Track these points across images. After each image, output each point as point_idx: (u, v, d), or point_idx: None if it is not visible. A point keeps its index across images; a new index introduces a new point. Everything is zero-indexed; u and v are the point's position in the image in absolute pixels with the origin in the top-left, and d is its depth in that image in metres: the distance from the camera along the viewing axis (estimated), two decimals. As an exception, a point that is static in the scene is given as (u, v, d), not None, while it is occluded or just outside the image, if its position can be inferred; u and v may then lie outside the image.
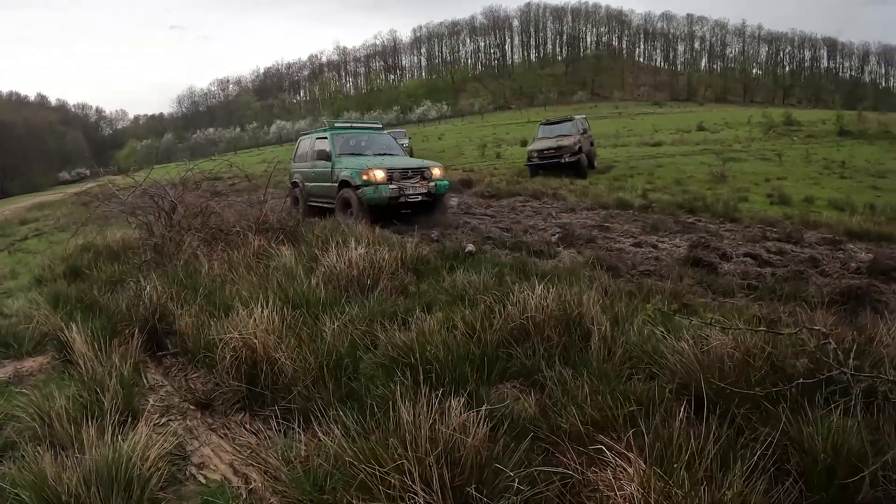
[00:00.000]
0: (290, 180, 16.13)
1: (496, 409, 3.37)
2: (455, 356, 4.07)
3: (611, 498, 2.54)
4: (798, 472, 2.95)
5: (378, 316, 5.13)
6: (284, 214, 10.70)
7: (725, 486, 2.55)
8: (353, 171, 12.42)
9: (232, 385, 4.15)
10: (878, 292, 7.52)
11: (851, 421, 3.10)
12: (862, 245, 11.27)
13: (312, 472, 3.05)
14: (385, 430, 3.05)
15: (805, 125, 44.72)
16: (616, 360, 4.03)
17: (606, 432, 2.95)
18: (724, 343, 3.83)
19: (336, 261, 6.61)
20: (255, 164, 41.62)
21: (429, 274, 6.95)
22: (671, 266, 8.47)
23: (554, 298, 4.71)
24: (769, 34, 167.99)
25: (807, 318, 4.75)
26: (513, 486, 2.68)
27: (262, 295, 5.20)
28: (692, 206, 15.20)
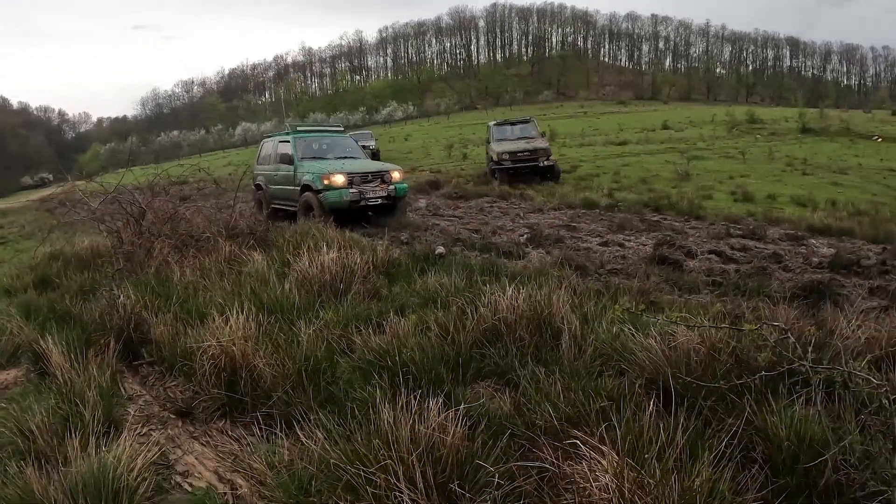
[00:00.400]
0: (254, 183, 16.27)
1: (473, 409, 3.46)
2: (430, 358, 4.16)
3: (587, 489, 2.62)
4: (763, 459, 3.07)
5: (353, 320, 5.19)
6: (254, 219, 10.77)
7: (695, 474, 2.66)
8: (314, 175, 12.65)
9: (212, 393, 4.18)
10: (839, 286, 7.77)
11: (813, 410, 3.23)
12: (824, 240, 11.54)
13: (297, 476, 3.09)
14: (367, 432, 3.11)
15: (768, 123, 45.52)
16: (587, 358, 4.13)
17: (580, 427, 3.04)
18: (691, 339, 3.94)
19: (308, 265, 6.66)
20: (221, 166, 41.27)
21: (400, 277, 7.03)
22: (638, 264, 8.62)
23: (524, 299, 4.82)
24: (732, 34, 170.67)
25: (769, 314, 4.94)
26: (493, 482, 2.77)
27: (237, 301, 5.24)
28: (658, 204, 15.44)
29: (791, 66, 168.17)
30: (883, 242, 11.56)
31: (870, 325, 4.64)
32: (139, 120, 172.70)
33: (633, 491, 2.55)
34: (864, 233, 12.38)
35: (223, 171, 28.00)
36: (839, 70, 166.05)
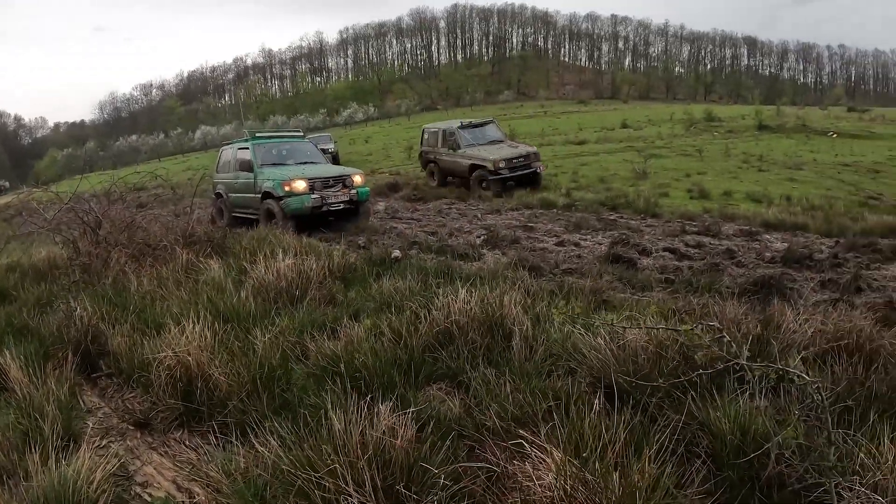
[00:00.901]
0: (214, 191, 15.97)
1: (423, 411, 3.53)
2: (383, 362, 4.21)
3: (531, 488, 2.69)
4: (707, 453, 3.17)
5: (308, 326, 5.23)
6: (211, 226, 10.72)
7: (635, 470, 2.72)
8: (275, 182, 12.62)
9: (169, 403, 4.19)
10: (791, 280, 7.97)
11: (758, 404, 3.33)
12: (778, 235, 11.84)
13: (253, 483, 3.13)
14: (318, 437, 3.14)
15: (725, 121, 46.26)
16: (537, 359, 4.21)
17: (527, 427, 3.10)
18: (639, 337, 4.05)
19: (264, 272, 6.68)
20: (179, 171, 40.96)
21: (356, 282, 7.08)
22: (592, 263, 8.77)
23: (477, 301, 4.89)
24: (691, 34, 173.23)
25: (718, 310, 5.04)
26: (439, 483, 2.83)
27: (193, 310, 5.21)
28: (615, 203, 15.60)
29: (748, 65, 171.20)
30: (836, 236, 11.85)
31: (816, 318, 4.79)
32: (97, 124, 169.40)
33: (575, 488, 2.62)
34: (817, 227, 12.66)
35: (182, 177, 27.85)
36: (796, 68, 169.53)
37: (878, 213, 15.82)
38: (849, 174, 23.66)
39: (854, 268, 9.19)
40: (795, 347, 4.26)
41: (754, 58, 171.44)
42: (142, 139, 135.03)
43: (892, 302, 7.01)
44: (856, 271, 8.88)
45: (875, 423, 3.16)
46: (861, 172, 24.10)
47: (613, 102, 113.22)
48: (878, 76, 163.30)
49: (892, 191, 20.79)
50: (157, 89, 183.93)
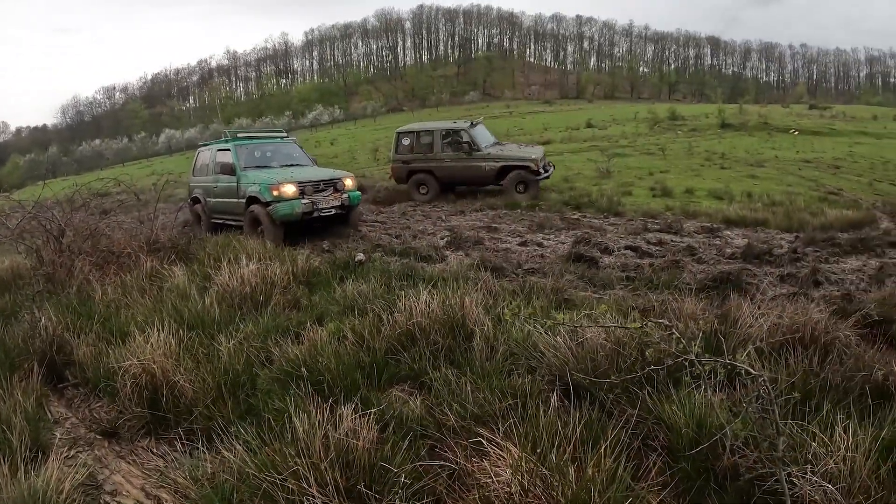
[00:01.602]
0: (190, 196, 14.83)
1: (385, 412, 3.60)
2: (346, 365, 4.28)
3: (489, 484, 2.77)
4: (664, 447, 3.28)
5: (272, 331, 5.27)
6: (175, 232, 10.48)
7: (590, 463, 2.81)
8: (261, 186, 11.67)
9: (135, 411, 4.21)
10: (751, 275, 8.11)
11: (714, 398, 3.47)
12: (739, 231, 12.01)
13: (220, 488, 3.17)
14: (282, 441, 3.20)
15: (689, 119, 46.66)
16: (498, 358, 4.29)
17: (486, 425, 3.19)
18: (597, 335, 4.15)
19: (228, 278, 6.68)
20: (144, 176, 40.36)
21: (320, 286, 7.11)
22: (555, 263, 8.85)
23: (439, 303, 4.99)
24: (655, 34, 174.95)
25: (676, 306, 5.20)
26: (400, 482, 2.91)
27: (158, 318, 5.25)
28: (578, 202, 15.68)
29: (712, 65, 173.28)
30: (796, 231, 12.07)
31: (773, 312, 4.93)
32: (60, 129, 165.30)
33: (532, 483, 2.70)
34: (777, 223, 12.89)
35: (146, 182, 27.49)
36: (758, 67, 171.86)
37: (837, 207, 16.16)
38: (809, 170, 24.08)
39: (812, 262, 9.43)
40: (751, 341, 4.38)
41: (717, 57, 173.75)
42: (105, 143, 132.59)
43: (850, 295, 7.20)
44: (814, 265, 9.09)
45: (829, 412, 3.26)
46: (822, 168, 24.52)
47: (578, 102, 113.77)
48: (839, 74, 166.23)
49: (852, 186, 21.26)
50: (120, 92, 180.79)
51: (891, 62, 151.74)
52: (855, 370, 4.17)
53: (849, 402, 3.57)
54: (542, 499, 2.67)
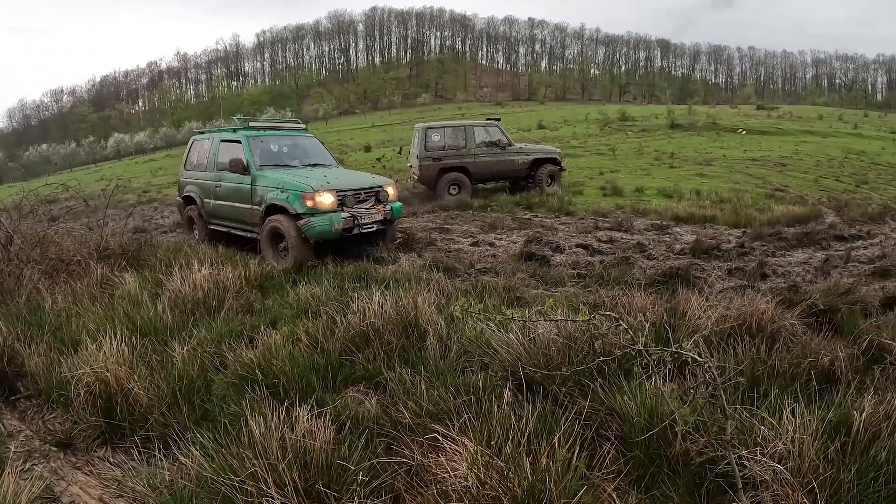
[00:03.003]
0: (181, 194, 12.30)
1: (341, 413, 3.63)
2: (300, 367, 4.31)
3: (446, 478, 2.83)
4: (617, 436, 3.39)
5: (226, 336, 5.25)
6: (125, 238, 10.01)
7: (545, 454, 2.90)
8: (290, 193, 9.29)
9: (90, 421, 4.16)
10: (699, 270, 8.34)
11: (666, 387, 3.61)
12: (688, 228, 12.35)
13: (178, 494, 3.17)
14: (239, 445, 3.21)
15: (639, 120, 47.54)
16: (452, 357, 4.38)
17: (442, 422, 3.26)
18: (549, 331, 4.26)
19: (181, 284, 6.63)
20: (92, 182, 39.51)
21: (273, 289, 7.13)
22: (507, 262, 9.00)
23: (392, 304, 5.06)
24: (606, 37, 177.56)
25: (626, 301, 5.36)
26: (358, 479, 2.95)
27: (110, 326, 5.20)
28: (529, 203, 15.91)
29: (662, 67, 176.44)
30: (743, 227, 12.46)
31: (720, 304, 5.16)
32: (5, 133, 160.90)
33: (488, 475, 2.77)
34: (725, 219, 13.27)
35: (95, 187, 26.91)
36: (707, 69, 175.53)
37: (784, 203, 16.64)
38: (756, 168, 24.67)
39: (759, 256, 9.73)
40: (699, 332, 4.53)
41: (667, 60, 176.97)
42: (53, 148, 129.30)
43: (795, 286, 7.45)
44: (761, 259, 9.39)
45: (777, 397, 3.40)
46: (768, 166, 25.13)
47: (530, 104, 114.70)
48: (786, 76, 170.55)
49: (798, 183, 21.81)
50: (68, 95, 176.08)
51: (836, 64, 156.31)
52: (801, 357, 4.35)
53: (796, 388, 3.71)
54: (498, 490, 2.73)
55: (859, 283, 7.83)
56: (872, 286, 7.71)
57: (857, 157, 29.27)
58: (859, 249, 10.77)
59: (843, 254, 10.14)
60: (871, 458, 3.08)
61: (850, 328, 5.26)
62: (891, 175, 25.57)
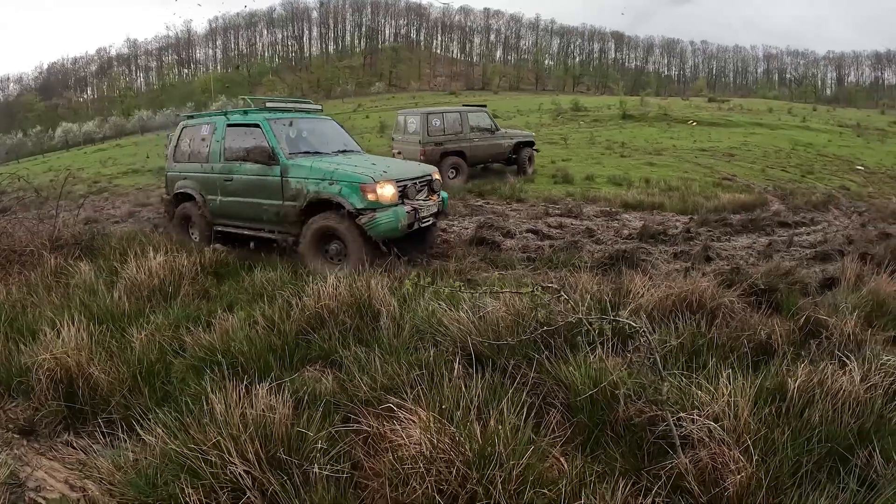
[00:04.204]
0: (171, 191, 10.58)
1: (299, 389, 3.78)
2: (258, 348, 4.45)
3: (401, 444, 3.00)
4: (563, 403, 3.61)
5: (183, 321, 5.34)
6: (78, 229, 9.90)
7: (492, 419, 3.09)
8: (345, 185, 8.00)
9: (52, 407, 4.19)
10: (646, 253, 8.69)
11: (610, 359, 3.85)
12: (636, 214, 12.71)
13: (143, 472, 3.25)
14: (202, 421, 3.33)
15: (592, 110, 48.08)
16: (405, 335, 4.56)
17: (397, 394, 3.43)
18: (497, 308, 4.51)
19: (136, 271, 6.66)
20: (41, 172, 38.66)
21: (229, 276, 7.23)
22: (459, 246, 9.26)
23: (346, 287, 5.24)
24: (561, 28, 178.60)
25: (573, 281, 5.63)
26: (317, 447, 3.12)
27: (67, 314, 5.18)
28: (481, 190, 16.11)
29: (616, 58, 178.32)
30: (690, 213, 12.85)
31: (663, 283, 5.46)
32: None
33: (440, 440, 2.95)
34: (673, 206, 13.65)
35: (44, 178, 26.40)
36: (660, 62, 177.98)
37: (730, 191, 17.15)
38: (705, 158, 25.26)
39: (704, 240, 10.11)
40: (643, 309, 4.84)
41: (621, 52, 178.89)
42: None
43: (738, 268, 7.76)
44: (705, 243, 9.77)
45: (715, 366, 3.63)
46: (717, 156, 25.75)
47: (484, 94, 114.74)
48: (737, 69, 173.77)
49: (745, 172, 22.41)
50: (14, 83, 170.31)
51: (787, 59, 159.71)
52: (740, 331, 4.65)
53: (734, 359, 3.99)
54: (450, 454, 2.90)
55: (800, 265, 8.24)
56: (813, 269, 8.15)
57: (804, 148, 30.13)
58: (802, 235, 11.24)
59: (785, 239, 10.59)
60: (805, 421, 3.33)
61: (788, 306, 5.60)
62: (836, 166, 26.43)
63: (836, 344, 4.52)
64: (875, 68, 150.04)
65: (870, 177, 25.85)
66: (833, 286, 7.12)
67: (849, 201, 20.05)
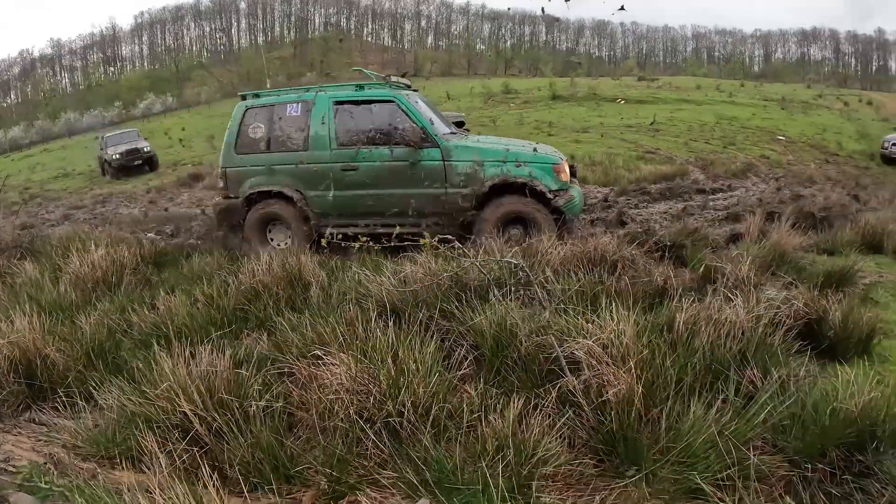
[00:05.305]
0: (244, 192, 8.89)
1: (237, 351, 4.23)
2: (199, 322, 4.89)
3: (328, 382, 3.50)
4: (471, 345, 4.14)
5: (128, 305, 5.69)
6: (17, 233, 9.96)
7: (404, 356, 3.59)
8: (535, 166, 7.78)
9: (12, 388, 4.38)
10: None
11: (514, 305, 4.38)
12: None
13: (104, 431, 3.62)
14: (152, 379, 3.69)
15: (522, 93, 48.83)
16: (333, 301, 5.06)
17: (324, 347, 3.86)
18: (416, 271, 5.10)
19: (80, 266, 6.90)
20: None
21: (168, 264, 7.59)
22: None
23: (279, 264, 5.75)
24: (492, 12, 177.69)
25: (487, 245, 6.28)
26: (254, 388, 3.61)
27: (18, 308, 5.31)
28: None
29: (546, 41, 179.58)
30: (612, 185, 13.63)
31: (569, 243, 6.11)
32: None
33: (360, 375, 3.46)
34: (596, 179, 14.46)
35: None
36: (591, 43, 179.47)
37: (652, 163, 18.04)
38: (631, 134, 26.28)
39: (621, 207, 10.84)
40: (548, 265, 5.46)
41: (552, 34, 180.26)
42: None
43: (650, 229, 8.44)
44: (621, 209, 10.49)
45: (608, 307, 4.02)
46: (642, 132, 26.82)
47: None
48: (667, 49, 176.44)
49: (669, 145, 23.46)
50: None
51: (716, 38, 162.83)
52: (637, 278, 5.28)
53: (630, 301, 4.47)
54: (368, 385, 3.42)
55: (710, 226, 9.00)
56: (723, 228, 8.92)
57: (728, 122, 31.50)
58: (718, 200, 12.05)
59: (701, 203, 11.38)
60: (690, 347, 3.89)
61: (692, 259, 6.33)
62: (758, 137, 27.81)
63: (731, 288, 5.02)
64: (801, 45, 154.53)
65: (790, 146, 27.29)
66: (738, 241, 7.87)
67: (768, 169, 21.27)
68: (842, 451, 3.09)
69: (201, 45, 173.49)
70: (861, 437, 3.10)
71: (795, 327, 4.48)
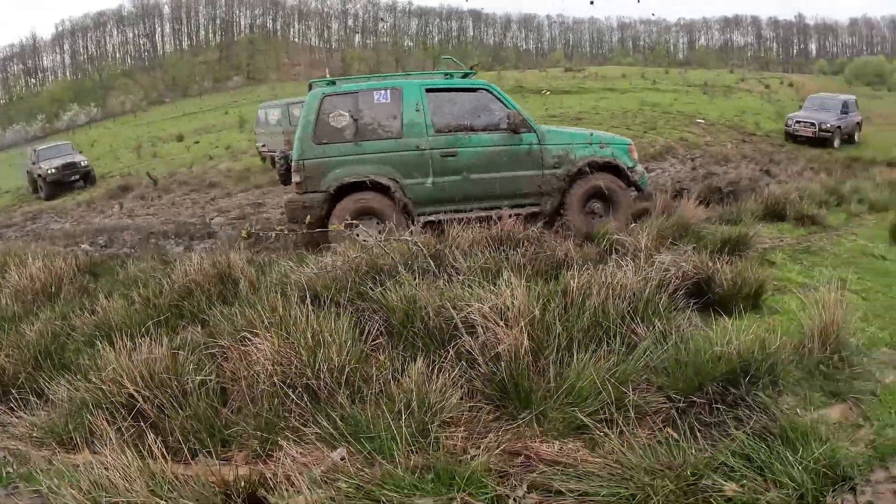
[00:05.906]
0: (329, 183, 8.47)
1: (173, 341, 4.60)
2: (137, 321, 5.23)
3: (257, 358, 3.94)
4: (384, 320, 4.67)
5: (69, 311, 5.97)
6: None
7: (325, 333, 4.04)
8: (616, 147, 8.86)
9: None
10: None
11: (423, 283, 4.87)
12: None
13: (57, 420, 3.97)
14: (98, 369, 4.06)
15: (448, 87, 49.46)
16: (261, 292, 5.46)
17: (252, 331, 4.27)
18: (336, 260, 5.66)
19: (18, 279, 7.10)
20: None
21: (104, 273, 7.89)
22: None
23: (210, 263, 6.18)
24: (419, 9, 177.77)
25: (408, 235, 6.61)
26: (190, 368, 4.05)
27: None
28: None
29: (474, 36, 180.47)
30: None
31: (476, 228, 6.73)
32: None
33: (281, 349, 3.91)
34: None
35: None
36: (519, 36, 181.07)
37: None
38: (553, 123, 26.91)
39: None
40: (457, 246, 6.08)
41: (479, 29, 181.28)
42: None
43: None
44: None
45: (509, 279, 4.47)
46: (566, 121, 27.50)
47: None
48: (593, 40, 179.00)
49: (590, 132, 24.28)
50: None
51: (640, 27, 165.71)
52: (539, 253, 5.88)
53: (531, 273, 5.09)
54: (290, 357, 3.88)
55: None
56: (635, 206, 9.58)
57: (650, 108, 32.51)
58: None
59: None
60: (581, 308, 4.43)
61: (598, 236, 7.08)
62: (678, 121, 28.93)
63: (630, 258, 5.56)
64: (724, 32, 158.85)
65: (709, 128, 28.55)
66: (644, 217, 8.49)
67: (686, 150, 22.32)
68: (718, 385, 3.62)
69: (125, 51, 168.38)
70: (735, 375, 3.64)
71: (683, 287, 5.08)
